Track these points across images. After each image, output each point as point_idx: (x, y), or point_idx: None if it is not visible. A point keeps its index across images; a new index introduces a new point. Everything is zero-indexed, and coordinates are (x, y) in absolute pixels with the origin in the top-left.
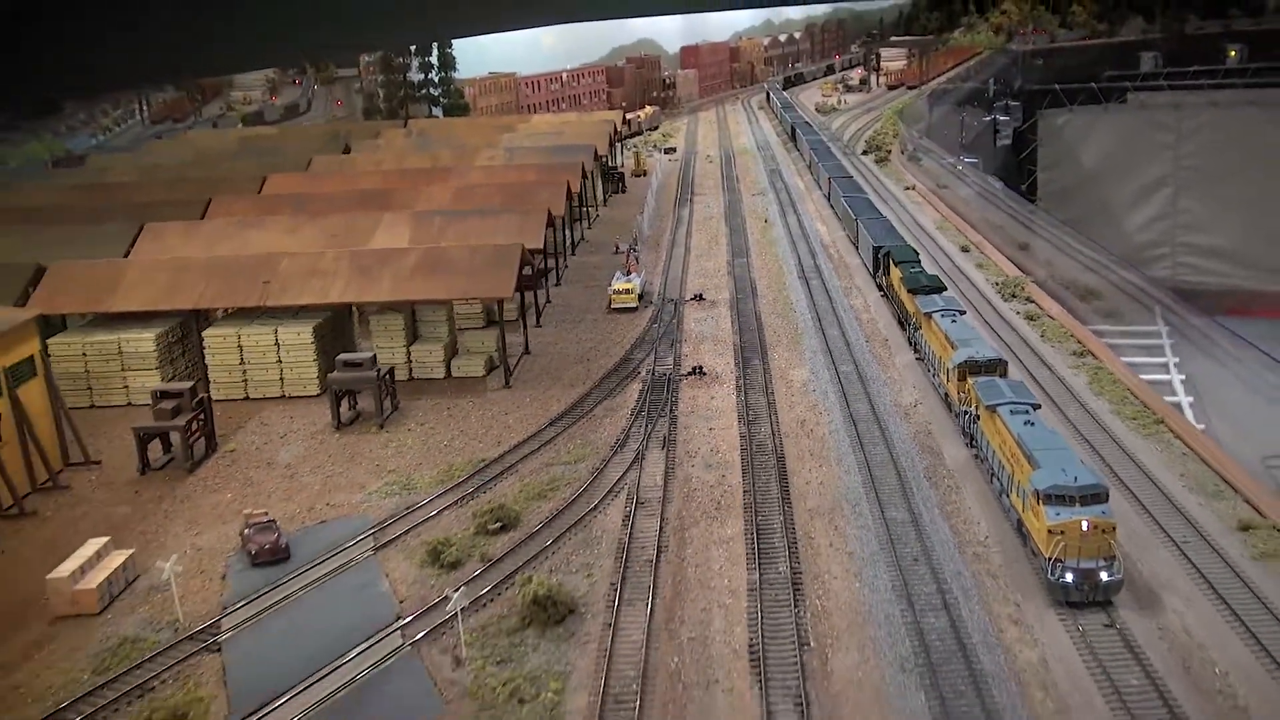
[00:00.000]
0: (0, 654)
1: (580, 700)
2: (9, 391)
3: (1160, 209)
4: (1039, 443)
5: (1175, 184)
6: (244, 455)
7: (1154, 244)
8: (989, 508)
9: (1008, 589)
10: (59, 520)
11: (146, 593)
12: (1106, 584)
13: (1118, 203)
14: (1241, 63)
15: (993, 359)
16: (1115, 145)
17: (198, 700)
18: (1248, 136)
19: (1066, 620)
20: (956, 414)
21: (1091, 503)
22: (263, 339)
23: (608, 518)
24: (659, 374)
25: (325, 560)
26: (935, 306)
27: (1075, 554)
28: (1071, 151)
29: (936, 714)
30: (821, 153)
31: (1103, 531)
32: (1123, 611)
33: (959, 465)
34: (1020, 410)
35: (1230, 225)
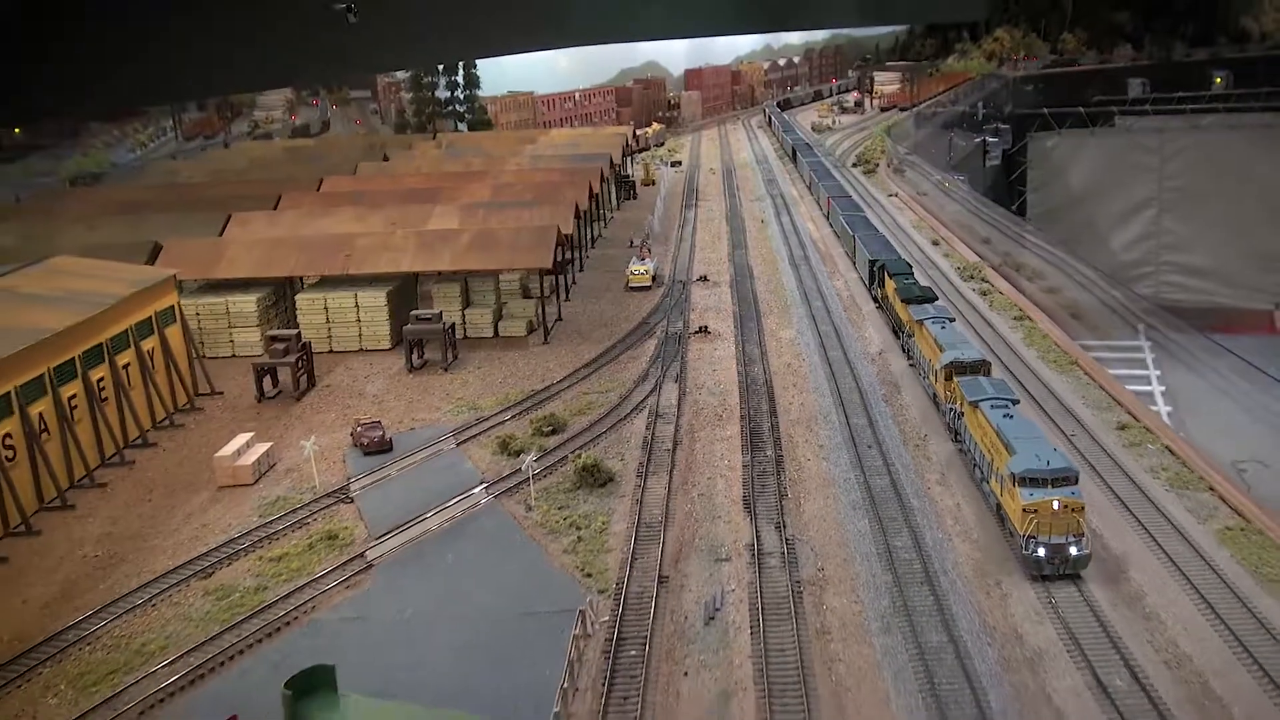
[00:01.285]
0: (186, 507)
1: (621, 527)
2: (159, 331)
3: (1145, 229)
4: (1016, 432)
5: (1159, 205)
6: (338, 389)
7: (1139, 262)
8: (931, 421)
9: (936, 467)
10: (200, 431)
11: (285, 471)
12: (1075, 558)
13: (1104, 222)
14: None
15: (977, 360)
16: (1102, 167)
17: (344, 529)
18: (1228, 160)
19: (970, 487)
20: (943, 410)
21: (1062, 485)
22: (344, 302)
23: (634, 425)
24: (671, 333)
25: (420, 450)
26: (926, 314)
27: (1047, 531)
28: (1060, 173)
29: (876, 531)
30: (821, 173)
31: (1072, 511)
32: None
33: (909, 389)
34: (1000, 405)
35: (1211, 245)
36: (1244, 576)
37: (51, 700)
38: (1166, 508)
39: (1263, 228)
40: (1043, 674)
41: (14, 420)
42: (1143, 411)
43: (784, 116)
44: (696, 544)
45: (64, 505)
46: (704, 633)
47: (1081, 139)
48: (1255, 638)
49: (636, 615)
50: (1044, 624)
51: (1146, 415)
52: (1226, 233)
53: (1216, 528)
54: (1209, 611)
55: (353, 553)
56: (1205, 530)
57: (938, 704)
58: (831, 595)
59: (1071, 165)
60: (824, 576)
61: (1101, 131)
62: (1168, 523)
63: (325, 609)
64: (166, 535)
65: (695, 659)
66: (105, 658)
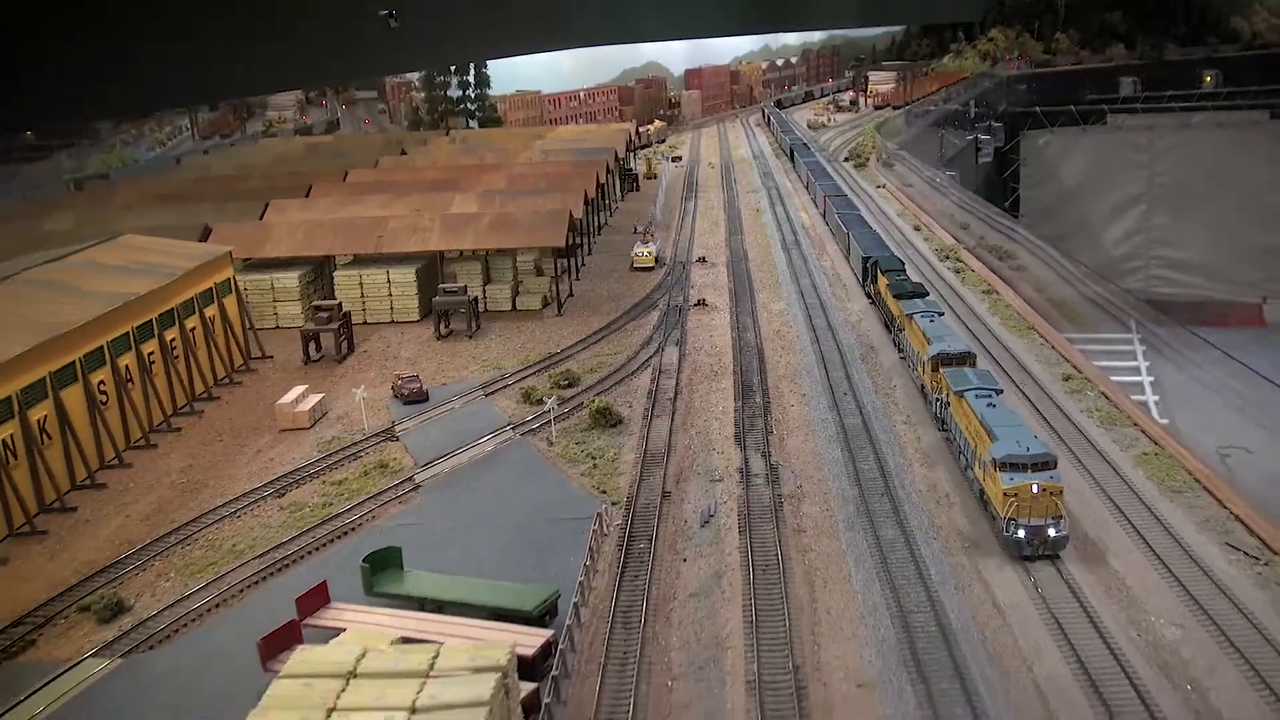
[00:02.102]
0: (253, 446)
1: (629, 457)
2: (218, 300)
3: (1135, 224)
4: (998, 420)
5: (1149, 201)
6: (375, 354)
7: (1129, 258)
8: (903, 379)
9: (903, 411)
10: (257, 387)
11: (336, 418)
12: (1054, 539)
13: (1096, 218)
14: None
15: (962, 352)
16: (1093, 164)
17: (393, 459)
18: (1216, 157)
19: (932, 425)
20: (930, 401)
21: (1042, 469)
22: (378, 278)
23: (640, 380)
24: (673, 306)
25: (453, 400)
26: (916, 309)
27: (1027, 513)
28: (1052, 170)
29: (846, 458)
30: (818, 173)
31: (1051, 494)
32: None
33: (883, 350)
34: (984, 395)
35: (1199, 240)
36: (1151, 487)
37: (164, 583)
38: (1096, 439)
39: (1249, 223)
40: (977, 558)
41: (106, 370)
42: (1086, 367)
43: (781, 115)
44: (694, 469)
45: (148, 444)
46: (700, 533)
47: (1073, 137)
48: (1154, 531)
49: (644, 520)
50: (980, 523)
51: (1088, 369)
52: (1214, 228)
53: (1135, 453)
54: (1118, 513)
55: (402, 477)
56: (1126, 455)
57: (890, 579)
58: (807, 504)
59: (1063, 162)
60: (801, 491)
61: (1093, 129)
62: (1093, 449)
63: (383, 518)
64: (240, 466)
65: (693, 550)
66: (203, 554)
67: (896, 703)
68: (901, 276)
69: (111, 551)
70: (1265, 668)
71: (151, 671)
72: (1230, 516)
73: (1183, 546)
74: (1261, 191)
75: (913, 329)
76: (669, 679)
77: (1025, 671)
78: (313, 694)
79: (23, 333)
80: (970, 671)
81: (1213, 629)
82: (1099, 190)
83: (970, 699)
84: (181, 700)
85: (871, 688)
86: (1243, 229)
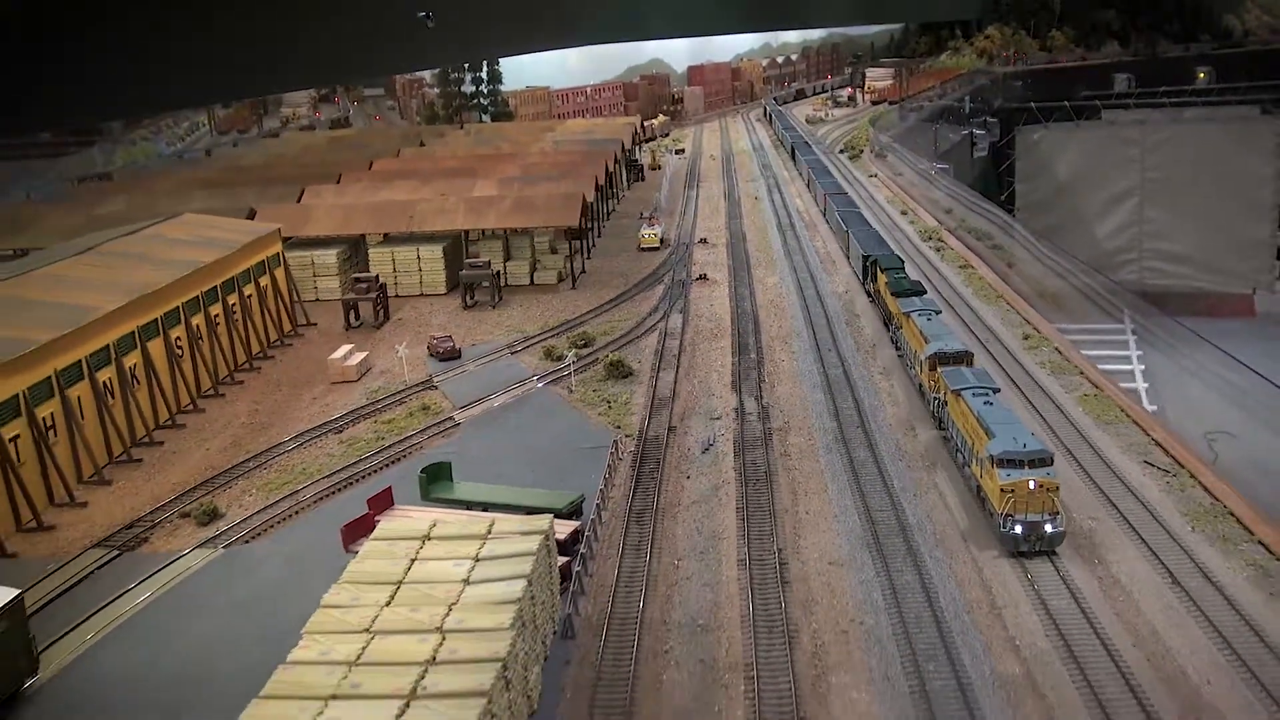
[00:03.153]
0: (309, 394)
1: (640, 401)
2: (270, 272)
3: (1128, 217)
4: (995, 418)
5: (1141, 194)
6: (408, 321)
7: (1122, 250)
8: (881, 337)
9: (880, 366)
10: (305, 349)
11: (380, 373)
12: (1050, 535)
13: (1089, 212)
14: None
15: (960, 351)
16: (1087, 159)
17: (434, 403)
18: (1207, 151)
19: (906, 377)
20: (928, 400)
21: (1038, 466)
22: (408, 254)
23: (648, 340)
24: (677, 279)
25: (482, 358)
26: (913, 307)
27: (1024, 509)
28: (1047, 165)
29: (828, 401)
30: (819, 171)
31: (1047, 490)
32: None
33: (866, 316)
34: (981, 393)
35: (1191, 232)
36: (1088, 420)
37: (248, 497)
38: (1045, 384)
39: (1240, 216)
40: (934, 473)
41: (181, 328)
42: (1043, 326)
43: (781, 111)
44: (696, 409)
45: (216, 394)
46: (701, 458)
47: (1067, 132)
48: (1083, 450)
49: (653, 448)
50: (942, 450)
51: (1045, 327)
52: (1206, 220)
53: (1077, 395)
54: (1056, 439)
55: (443, 416)
56: (1069, 397)
57: (859, 488)
58: (792, 436)
59: (1058, 157)
60: (788, 426)
61: (1087, 125)
62: (1042, 392)
63: (430, 448)
64: (299, 410)
65: (695, 470)
66: (278, 476)
67: (860, 575)
68: (900, 275)
69: (199, 474)
70: (1161, 549)
71: (250, 558)
72: (1151, 443)
73: (1106, 463)
74: (1252, 185)
75: (910, 327)
76: (675, 560)
77: (966, 552)
78: (397, 549)
79: (114, 293)
80: (921, 554)
81: (1122, 521)
82: (1092, 184)
83: (920, 573)
84: (276, 576)
85: (840, 565)
86: (1233, 222)
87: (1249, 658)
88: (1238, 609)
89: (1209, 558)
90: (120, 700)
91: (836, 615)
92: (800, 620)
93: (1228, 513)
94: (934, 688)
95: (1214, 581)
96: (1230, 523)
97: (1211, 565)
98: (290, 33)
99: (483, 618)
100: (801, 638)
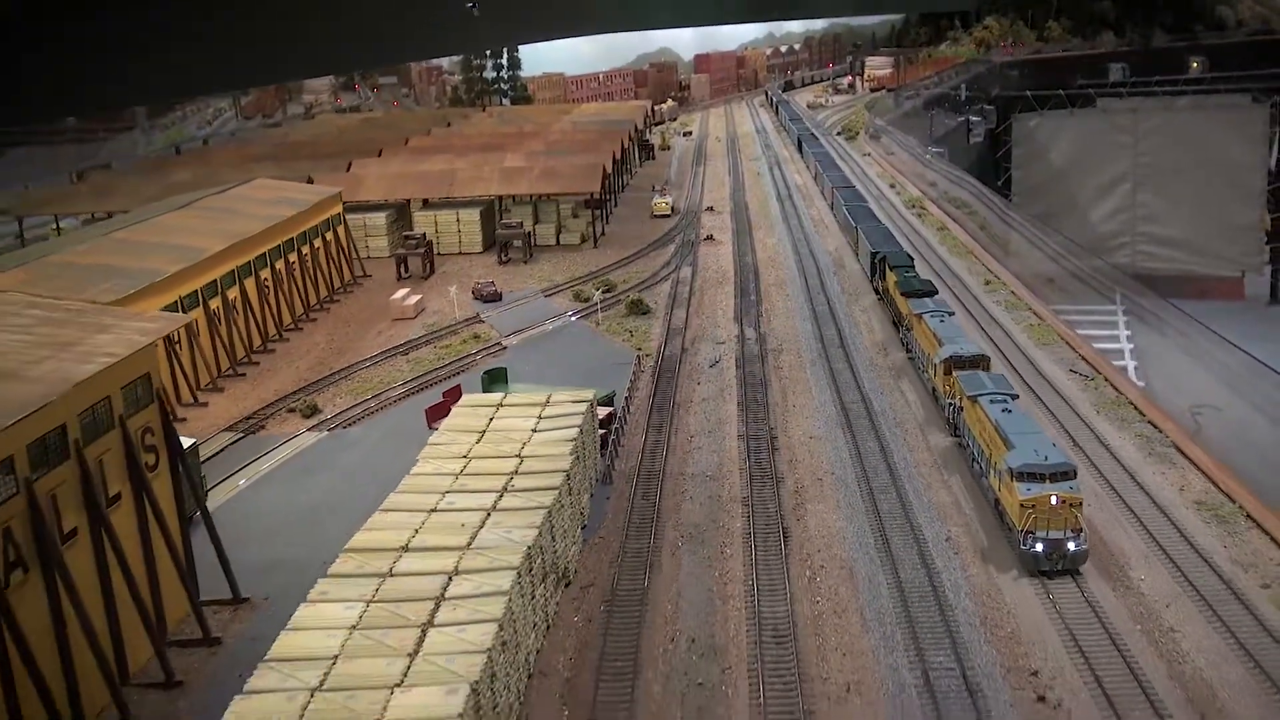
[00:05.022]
0: (375, 327)
1: (657, 331)
2: (334, 229)
3: (1121, 202)
4: (1015, 427)
5: (1134, 180)
6: (451, 273)
7: (1115, 234)
8: (863, 286)
9: (862, 305)
10: (365, 295)
11: (433, 312)
12: (1073, 553)
13: (1084, 197)
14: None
15: (976, 354)
16: (1081, 145)
17: (483, 332)
18: (1197, 137)
19: (881, 309)
20: (942, 406)
21: (1060, 480)
22: (449, 217)
23: (662, 287)
24: (687, 240)
25: (520, 299)
26: (926, 308)
27: (1045, 526)
28: (1043, 151)
29: (815, 330)
30: (826, 164)
31: (1070, 506)
32: None
33: (850, 266)
34: (999, 400)
35: (1182, 217)
36: (1029, 343)
37: (339, 399)
38: (998, 317)
39: (1229, 201)
40: (900, 380)
41: (267, 270)
42: (1002, 274)
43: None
44: (705, 337)
45: (295, 328)
46: (709, 371)
47: (1062, 119)
48: (1020, 361)
49: (669, 363)
50: (908, 365)
51: (1004, 275)
52: (1196, 205)
53: (1024, 325)
54: (1002, 355)
55: (492, 342)
56: (1017, 326)
57: (838, 389)
58: (784, 356)
59: (1053, 144)
60: (781, 348)
61: (1081, 112)
62: (995, 323)
63: (483, 364)
64: (369, 339)
65: (704, 379)
66: (360, 384)
67: (834, 444)
68: (910, 273)
69: (294, 384)
70: (1073, 428)
71: (350, 438)
72: (1079, 358)
73: (1039, 371)
74: (1241, 171)
75: (921, 329)
76: (689, 436)
77: (918, 430)
78: (480, 413)
79: (216, 239)
80: (882, 430)
81: (1045, 410)
82: (1086, 170)
83: (880, 443)
84: (374, 448)
85: (819, 438)
86: (1223, 207)
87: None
88: (1119, 459)
89: (1106, 431)
90: (270, 521)
91: (814, 468)
92: (785, 472)
93: (1128, 403)
94: (884, 508)
95: (1108, 446)
96: (1129, 409)
97: (1109, 439)
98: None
99: (549, 449)
100: (787, 482)
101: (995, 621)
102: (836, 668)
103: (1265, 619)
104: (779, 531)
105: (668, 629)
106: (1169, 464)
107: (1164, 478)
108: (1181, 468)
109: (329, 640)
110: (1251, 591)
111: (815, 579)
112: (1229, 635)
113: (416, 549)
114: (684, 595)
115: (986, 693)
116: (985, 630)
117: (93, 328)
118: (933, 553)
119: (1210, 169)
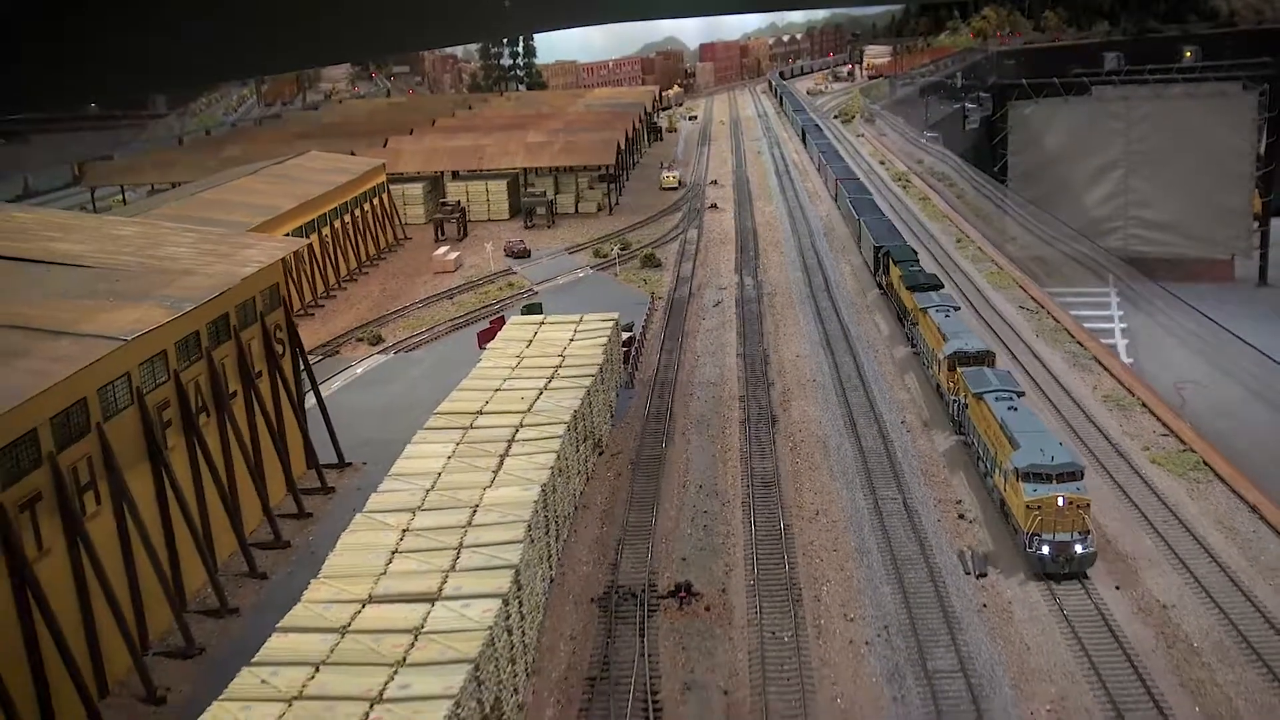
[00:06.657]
0: (421, 278)
1: (668, 279)
2: (380, 195)
3: (1114, 187)
4: (1020, 425)
5: (1126, 165)
6: (482, 237)
7: (1108, 218)
8: (849, 243)
9: (847, 257)
10: (408, 254)
11: (470, 266)
12: (1081, 556)
13: (1077, 182)
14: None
15: (981, 350)
16: (1075, 132)
17: (517, 281)
18: (1188, 124)
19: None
20: (947, 402)
21: (1067, 480)
22: (479, 188)
23: (671, 246)
24: (693, 209)
25: (547, 255)
26: (931, 302)
27: (1051, 528)
28: (1038, 138)
29: (805, 279)
30: (830, 155)
31: (1077, 507)
32: None
33: (838, 228)
34: (1005, 397)
35: (1173, 201)
36: (988, 287)
37: (398, 332)
38: (965, 269)
39: (1219, 185)
40: (875, 315)
41: (328, 228)
42: (971, 234)
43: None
44: (709, 284)
45: (352, 279)
46: (712, 310)
47: (1057, 106)
48: (979, 300)
49: (679, 303)
50: (883, 302)
51: (973, 234)
52: (1187, 190)
53: (986, 273)
54: (964, 297)
55: (525, 289)
56: (979, 274)
57: (821, 322)
58: (778, 299)
59: (1048, 131)
60: (775, 293)
61: (1075, 100)
62: (961, 272)
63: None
64: (418, 287)
65: (708, 315)
66: (414, 321)
67: (816, 360)
68: (915, 267)
69: (358, 321)
70: (1020, 353)
71: (413, 359)
72: (1029, 299)
73: (993, 307)
74: (1231, 157)
75: (927, 324)
76: (696, 355)
77: (886, 352)
78: (526, 329)
79: (285, 199)
80: (856, 350)
81: (996, 339)
82: (1080, 156)
83: (854, 358)
84: (433, 366)
85: (804, 357)
86: (1213, 191)
87: (1055, 399)
88: (1049, 369)
89: (1041, 349)
90: (356, 415)
91: (799, 376)
92: (775, 379)
93: (1063, 329)
94: (854, 401)
95: (1041, 359)
96: (1063, 334)
97: (1043, 354)
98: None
99: (585, 351)
100: (776, 386)
101: (932, 473)
102: (809, 501)
103: (1140, 468)
104: (769, 418)
105: (681, 479)
106: (1088, 371)
107: (1083, 381)
108: (1097, 373)
109: (437, 465)
110: (1135, 454)
111: (796, 448)
112: (1113, 482)
113: (489, 412)
114: (693, 460)
115: (921, 514)
116: (924, 478)
117: (239, 244)
118: (889, 430)
119: (1201, 155)
